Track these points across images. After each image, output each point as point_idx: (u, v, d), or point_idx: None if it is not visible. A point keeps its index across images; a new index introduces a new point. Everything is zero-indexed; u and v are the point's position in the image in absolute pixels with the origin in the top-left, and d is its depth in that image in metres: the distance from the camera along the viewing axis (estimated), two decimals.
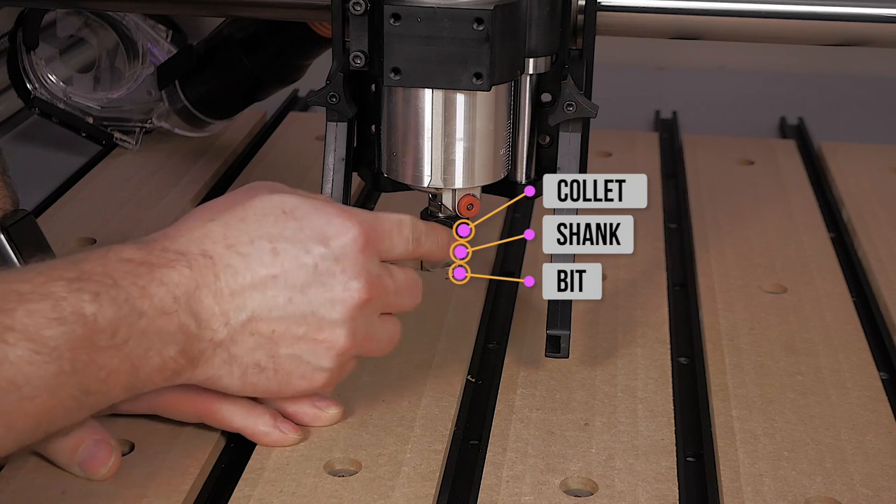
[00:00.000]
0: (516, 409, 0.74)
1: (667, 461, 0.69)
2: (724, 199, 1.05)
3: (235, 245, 0.65)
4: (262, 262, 0.65)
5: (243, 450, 0.69)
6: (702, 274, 0.91)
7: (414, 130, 0.73)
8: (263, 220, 0.66)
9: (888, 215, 1.02)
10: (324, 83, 0.75)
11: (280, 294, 0.65)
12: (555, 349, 0.74)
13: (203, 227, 0.65)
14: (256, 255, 0.65)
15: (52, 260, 0.61)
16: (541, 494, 0.66)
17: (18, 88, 1.08)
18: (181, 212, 1.00)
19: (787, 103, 1.35)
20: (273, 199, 0.67)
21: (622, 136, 1.19)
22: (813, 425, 0.73)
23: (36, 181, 1.06)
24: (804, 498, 0.66)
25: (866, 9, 0.79)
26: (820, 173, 1.13)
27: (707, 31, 0.82)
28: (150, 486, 0.65)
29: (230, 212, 0.66)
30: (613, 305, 0.86)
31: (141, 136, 1.12)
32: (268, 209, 0.66)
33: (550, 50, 0.76)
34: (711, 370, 0.79)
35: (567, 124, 0.76)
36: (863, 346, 0.82)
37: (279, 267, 0.65)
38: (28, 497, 0.64)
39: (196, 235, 0.65)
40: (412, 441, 0.70)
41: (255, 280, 0.65)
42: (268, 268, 0.65)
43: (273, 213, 0.66)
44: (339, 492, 0.65)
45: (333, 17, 0.75)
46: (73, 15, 1.11)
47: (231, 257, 0.64)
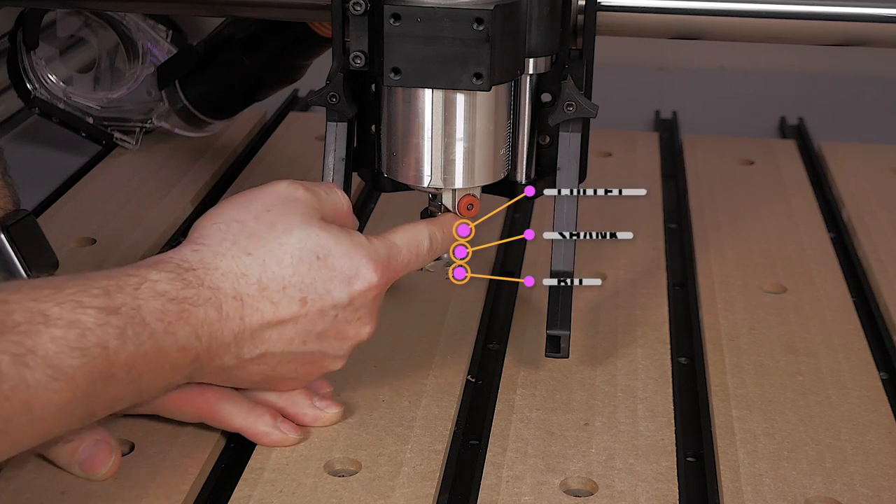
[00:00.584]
0: (516, 409, 0.74)
1: (667, 461, 0.69)
2: (724, 199, 1.05)
3: (268, 289, 0.66)
4: (289, 308, 0.66)
5: (243, 450, 0.69)
6: (702, 274, 0.91)
7: (414, 130, 0.73)
8: (299, 266, 0.66)
9: (888, 215, 1.02)
10: (324, 83, 0.76)
11: (297, 336, 0.67)
12: (555, 349, 0.74)
13: (240, 260, 0.65)
14: (286, 303, 0.66)
15: (85, 278, 0.60)
16: (541, 494, 0.66)
17: (18, 88, 1.08)
18: (181, 212, 1.00)
19: (787, 103, 1.35)
20: (310, 238, 0.67)
21: (622, 136, 1.19)
22: (813, 425, 0.73)
23: (36, 181, 1.06)
24: (804, 498, 0.66)
25: (866, 9, 0.79)
26: (820, 173, 1.13)
27: (707, 31, 0.82)
28: (150, 486, 0.65)
29: (268, 247, 0.66)
30: (613, 305, 0.87)
31: (141, 136, 1.12)
32: (304, 252, 0.66)
33: (550, 50, 0.76)
34: (711, 370, 0.79)
35: (567, 124, 0.76)
36: (863, 346, 0.82)
37: (304, 313, 0.67)
38: (28, 497, 0.65)
39: (233, 270, 0.65)
40: (412, 441, 0.70)
41: (277, 321, 0.66)
42: (293, 314, 0.66)
43: (308, 259, 0.66)
44: (339, 492, 0.65)
45: (333, 17, 0.75)
46: (73, 15, 1.11)
47: (261, 301, 0.65)
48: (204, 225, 0.67)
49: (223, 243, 0.66)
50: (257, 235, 0.66)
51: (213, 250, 0.65)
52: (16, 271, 0.75)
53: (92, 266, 0.89)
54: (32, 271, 0.76)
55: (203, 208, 1.02)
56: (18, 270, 0.75)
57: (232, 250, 0.66)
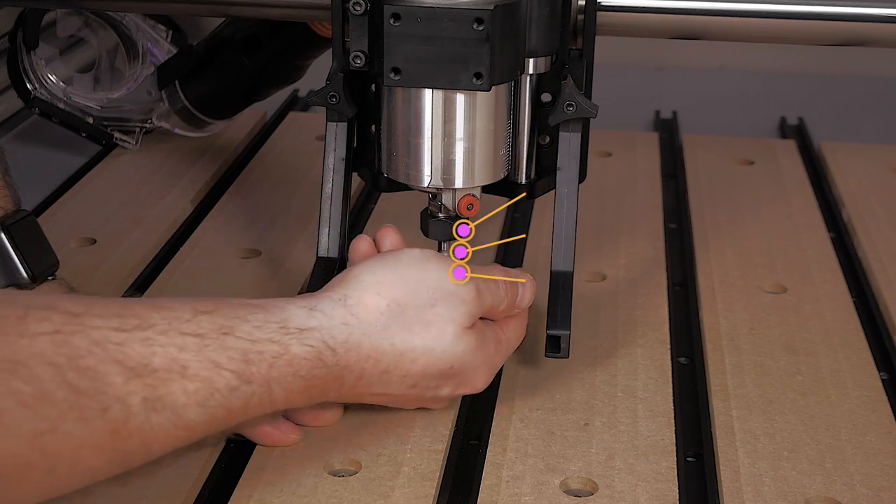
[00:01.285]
0: (516, 409, 0.74)
1: (667, 461, 0.69)
2: (724, 199, 1.05)
3: (389, 374, 0.67)
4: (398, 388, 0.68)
5: (243, 450, 0.69)
6: (702, 274, 0.91)
7: (414, 130, 0.73)
8: (428, 370, 0.68)
9: (888, 215, 1.02)
10: (324, 83, 0.75)
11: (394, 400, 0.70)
12: (555, 349, 0.74)
13: (381, 346, 0.66)
14: (396, 385, 0.68)
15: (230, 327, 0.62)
16: (541, 494, 0.66)
17: (18, 88, 1.08)
18: (181, 212, 1.00)
19: (787, 103, 1.35)
20: (454, 353, 0.68)
21: (622, 136, 1.19)
22: (813, 425, 0.73)
23: (36, 181, 1.06)
24: (804, 498, 0.66)
25: (866, 9, 0.79)
26: (820, 173, 1.13)
27: (707, 31, 0.82)
28: (151, 486, 0.65)
29: (412, 345, 0.67)
30: (613, 305, 0.87)
31: (141, 136, 1.12)
32: (441, 363, 0.68)
33: (550, 50, 0.76)
34: (711, 370, 0.79)
35: (567, 124, 0.76)
36: (863, 346, 0.82)
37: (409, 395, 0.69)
38: None
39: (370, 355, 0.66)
40: (412, 441, 0.70)
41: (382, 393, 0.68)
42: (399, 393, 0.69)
43: (441, 368, 0.69)
44: (339, 492, 0.65)
45: (333, 17, 0.75)
46: (73, 15, 1.11)
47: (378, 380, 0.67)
48: (368, 281, 0.68)
49: (375, 323, 0.66)
50: (409, 329, 0.67)
51: (362, 329, 0.66)
52: (16, 271, 0.75)
53: (92, 266, 0.90)
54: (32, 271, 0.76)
55: (203, 208, 1.02)
56: (19, 270, 0.75)
57: (380, 333, 0.66)
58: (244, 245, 0.94)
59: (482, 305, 0.70)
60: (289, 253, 0.92)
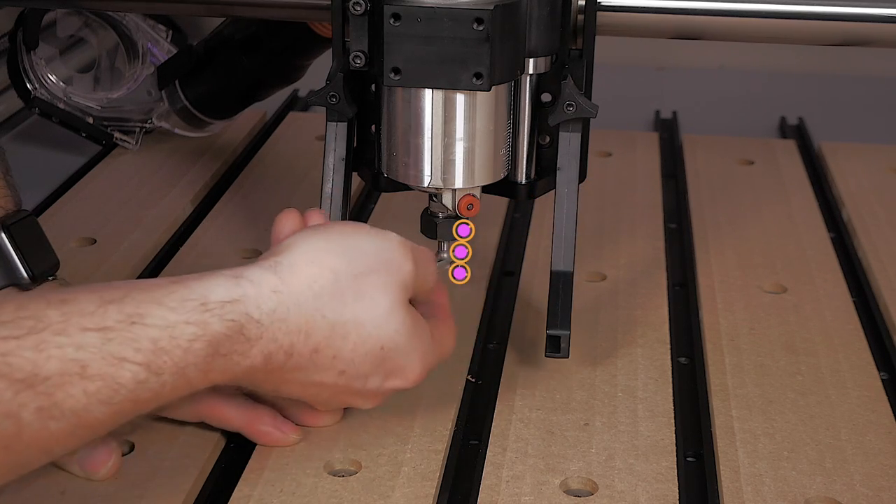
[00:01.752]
0: (516, 409, 0.74)
1: (667, 461, 0.69)
2: (724, 199, 1.05)
3: (319, 354, 0.64)
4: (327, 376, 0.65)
5: (243, 450, 0.69)
6: (702, 274, 0.91)
7: (414, 130, 0.73)
8: (358, 349, 0.65)
9: (888, 215, 1.02)
10: (324, 83, 0.75)
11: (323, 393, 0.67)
12: (555, 349, 0.74)
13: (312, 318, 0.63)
14: (326, 371, 0.64)
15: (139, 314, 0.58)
16: (541, 494, 0.66)
17: (18, 88, 1.08)
18: (181, 212, 1.00)
19: (787, 103, 1.35)
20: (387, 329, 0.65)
21: (622, 136, 1.19)
22: (813, 425, 0.73)
23: (36, 181, 1.06)
24: (804, 498, 0.66)
25: (866, 9, 0.79)
26: (820, 173, 1.13)
27: (707, 31, 0.82)
28: (150, 486, 0.65)
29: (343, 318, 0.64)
30: (613, 305, 0.87)
31: (141, 136, 1.12)
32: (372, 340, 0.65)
33: (550, 50, 0.76)
34: (711, 370, 0.79)
35: (567, 124, 0.76)
36: (863, 346, 0.82)
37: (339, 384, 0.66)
38: (28, 497, 0.65)
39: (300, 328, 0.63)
40: (412, 441, 0.70)
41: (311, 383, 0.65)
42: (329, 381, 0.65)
43: (372, 348, 0.65)
44: (339, 492, 0.65)
45: (333, 17, 0.75)
46: (73, 15, 1.11)
47: (308, 364, 0.64)
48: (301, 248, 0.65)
49: (307, 291, 0.63)
50: (341, 299, 0.64)
51: (293, 298, 0.63)
52: (16, 271, 0.75)
53: (92, 266, 0.90)
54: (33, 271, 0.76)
55: (203, 208, 1.02)
56: (19, 270, 0.75)
57: (312, 302, 0.63)
58: (244, 245, 0.94)
59: (416, 276, 0.67)
60: None
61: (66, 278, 0.80)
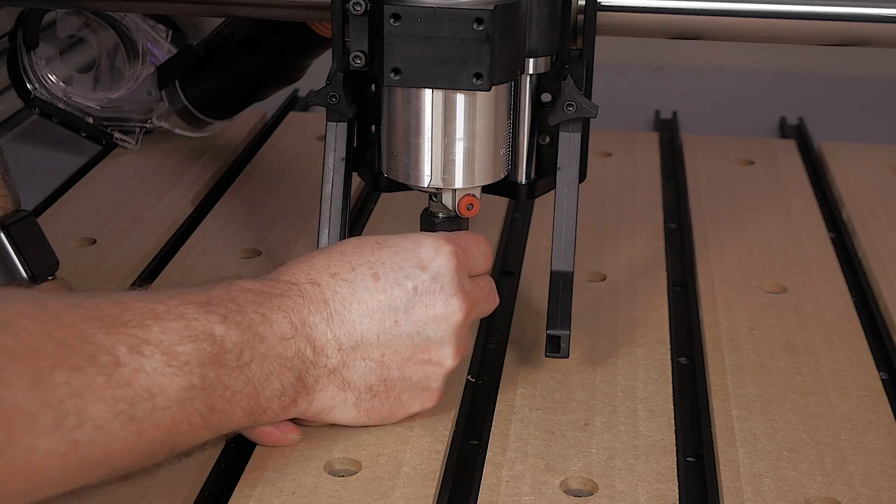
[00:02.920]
0: (516, 409, 0.74)
1: (667, 461, 0.69)
2: (724, 199, 1.05)
3: (339, 273, 0.68)
4: (365, 287, 0.68)
5: (243, 450, 0.69)
6: (702, 274, 0.91)
7: (414, 130, 0.73)
8: (361, 251, 0.69)
9: (888, 215, 1.02)
10: (324, 83, 0.76)
11: (387, 318, 0.68)
12: (555, 349, 0.74)
13: (307, 260, 0.69)
14: (360, 281, 0.68)
15: (184, 287, 0.64)
16: (541, 494, 0.66)
17: (18, 88, 1.08)
18: (181, 212, 1.00)
19: (787, 103, 1.35)
20: (366, 237, 0.71)
21: (622, 136, 1.19)
22: (813, 425, 0.73)
23: (36, 181, 1.06)
24: (804, 498, 0.66)
25: (866, 9, 0.79)
26: (820, 173, 1.13)
27: (707, 31, 0.82)
28: (150, 486, 0.65)
29: (329, 248, 0.70)
30: (613, 305, 0.87)
31: (141, 136, 1.12)
32: (363, 242, 0.70)
33: (550, 50, 0.76)
34: (711, 370, 0.79)
35: (567, 124, 0.76)
36: (863, 346, 0.82)
37: (382, 291, 0.68)
38: None
39: (303, 267, 0.68)
40: (412, 441, 0.70)
41: (361, 305, 0.68)
42: (371, 292, 0.68)
43: (369, 245, 0.70)
44: (339, 492, 0.65)
45: (333, 17, 0.75)
46: (73, 15, 1.11)
47: (337, 284, 0.68)
48: None
49: (290, 262, 0.69)
50: (317, 252, 0.70)
51: (283, 266, 0.69)
52: (16, 271, 0.75)
53: (92, 266, 0.90)
54: (33, 271, 0.76)
55: (203, 208, 1.02)
56: (19, 270, 0.75)
57: (298, 259, 0.69)
58: (244, 245, 0.94)
59: (467, 260, 0.71)
60: (289, 253, 0.92)
61: (66, 278, 0.80)
